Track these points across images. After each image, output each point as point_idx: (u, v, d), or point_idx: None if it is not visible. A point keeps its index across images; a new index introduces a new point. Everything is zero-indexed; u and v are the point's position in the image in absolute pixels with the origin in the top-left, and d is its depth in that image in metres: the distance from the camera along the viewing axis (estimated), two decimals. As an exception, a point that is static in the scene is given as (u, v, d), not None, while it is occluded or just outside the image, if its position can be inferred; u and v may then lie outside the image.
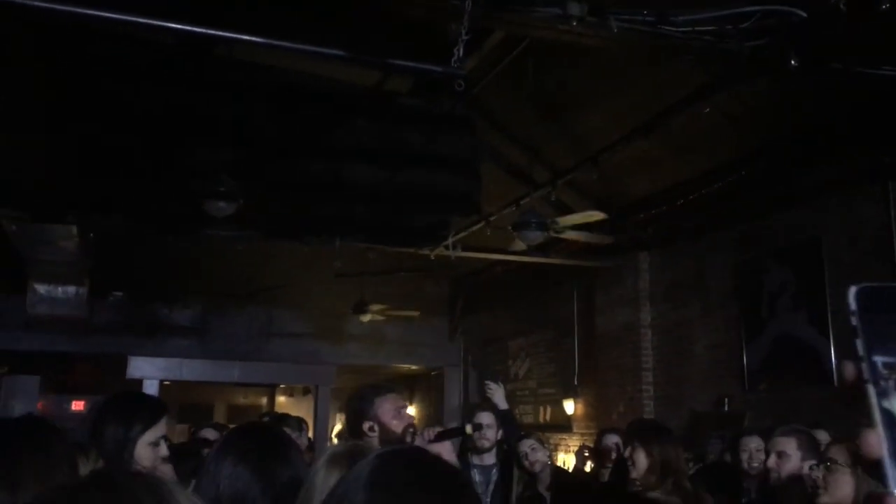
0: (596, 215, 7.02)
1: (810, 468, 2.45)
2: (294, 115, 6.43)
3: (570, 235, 7.18)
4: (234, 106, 6.33)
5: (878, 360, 0.88)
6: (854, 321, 0.89)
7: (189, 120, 6.16)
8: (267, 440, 1.82)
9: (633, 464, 3.38)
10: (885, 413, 0.82)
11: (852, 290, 0.91)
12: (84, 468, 1.83)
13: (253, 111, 6.41)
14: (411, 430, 2.84)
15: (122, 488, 0.82)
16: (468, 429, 3.34)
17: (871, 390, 0.87)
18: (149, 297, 11.82)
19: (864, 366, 0.88)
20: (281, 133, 6.44)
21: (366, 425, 2.79)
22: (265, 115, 6.45)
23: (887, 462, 0.80)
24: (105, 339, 11.57)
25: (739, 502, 4.20)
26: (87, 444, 2.05)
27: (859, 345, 0.88)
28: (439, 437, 2.81)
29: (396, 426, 2.82)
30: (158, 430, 2.31)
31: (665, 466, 3.36)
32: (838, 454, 2.39)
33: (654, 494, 3.21)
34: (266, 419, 5.79)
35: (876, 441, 0.69)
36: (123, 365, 12.03)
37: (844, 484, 2.33)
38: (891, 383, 0.87)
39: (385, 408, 2.86)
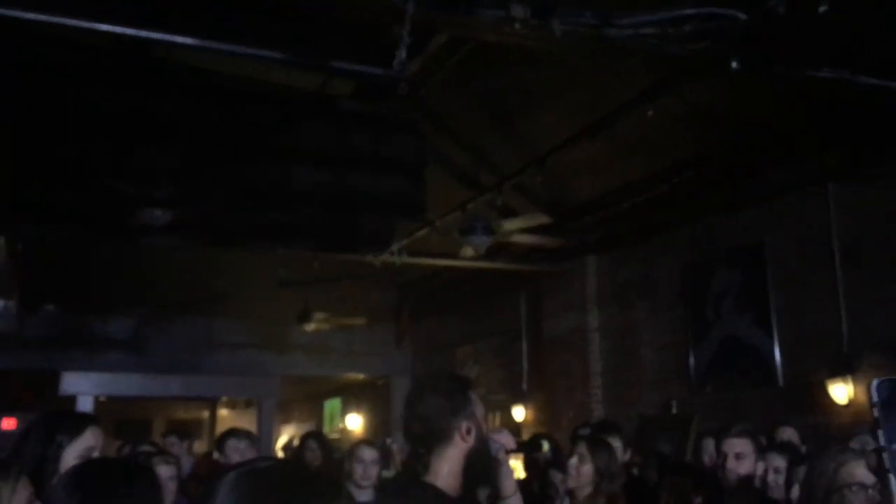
0: (540, 218, 6.98)
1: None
2: (234, 120, 6.25)
3: (520, 239, 7.13)
4: (172, 110, 6.12)
5: None
6: (875, 412, 0.86)
7: (125, 124, 5.93)
8: (98, 480, 1.63)
9: (578, 473, 3.35)
10: None
11: (874, 384, 0.90)
12: (4, 489, 1.73)
13: (192, 115, 6.20)
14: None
15: None
16: (545, 446, 2.91)
17: (892, 479, 0.83)
18: (82, 310, 11.42)
19: (885, 455, 0.85)
20: (221, 137, 6.24)
21: (464, 426, 2.12)
22: (204, 119, 6.25)
23: None
24: (36, 354, 11.14)
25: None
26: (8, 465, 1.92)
27: (880, 435, 0.85)
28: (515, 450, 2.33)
29: (486, 431, 2.22)
30: (85, 441, 2.21)
31: (611, 491, 3.35)
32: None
33: None
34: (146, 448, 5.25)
35: None
36: (56, 381, 11.58)
37: None
38: None
39: (479, 406, 2.21)
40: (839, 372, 6.37)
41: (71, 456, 2.15)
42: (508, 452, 2.28)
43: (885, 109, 5.47)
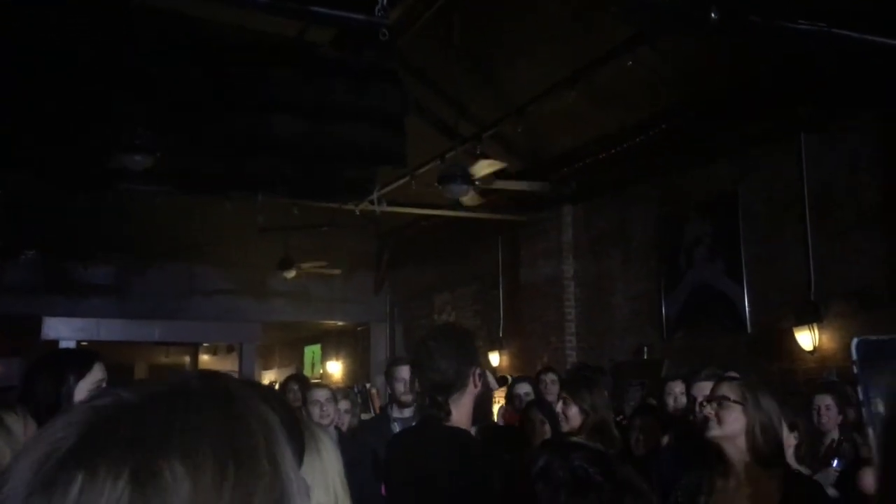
0: (497, 164, 7.05)
1: (701, 404, 2.56)
2: (215, 67, 6.23)
3: (502, 185, 7.21)
4: (152, 57, 6.09)
5: (875, 400, 0.94)
6: (855, 370, 0.96)
7: (105, 71, 5.90)
8: None
9: (567, 418, 3.48)
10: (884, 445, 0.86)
11: (854, 342, 0.99)
12: (15, 425, 1.81)
13: (172, 62, 6.18)
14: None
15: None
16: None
17: (871, 432, 0.93)
18: (63, 256, 11.40)
19: (864, 410, 0.95)
20: (201, 85, 6.23)
21: (477, 372, 2.37)
22: (185, 66, 6.22)
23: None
24: (17, 300, 11.14)
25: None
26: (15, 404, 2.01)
27: (860, 391, 0.95)
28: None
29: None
30: (95, 375, 2.26)
31: (597, 420, 3.47)
32: (729, 391, 2.51)
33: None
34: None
35: (871, 479, 0.73)
36: (38, 325, 11.63)
37: (735, 419, 2.46)
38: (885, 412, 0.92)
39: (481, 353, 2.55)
40: (806, 320, 6.57)
41: (83, 390, 2.21)
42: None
43: (857, 62, 5.56)
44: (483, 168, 7.03)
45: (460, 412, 2.31)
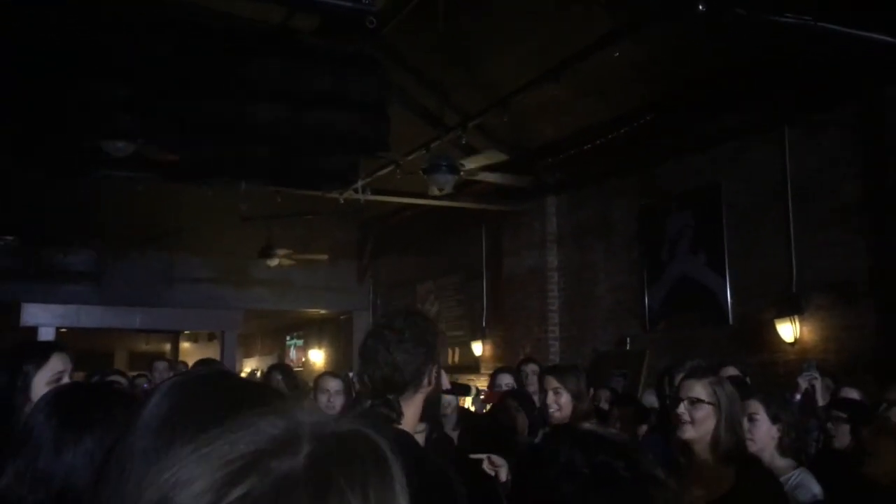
0: (497, 156, 7.04)
1: (669, 403, 2.61)
2: (198, 53, 6.17)
3: (485, 177, 7.21)
4: (136, 42, 6.01)
5: None
6: None
7: (87, 55, 5.82)
8: (75, 404, 1.57)
9: (559, 407, 3.46)
10: None
11: None
12: None
13: (155, 48, 6.11)
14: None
15: None
16: (471, 391, 3.27)
17: None
18: (42, 242, 11.28)
19: None
20: (184, 71, 6.17)
21: (434, 371, 2.10)
22: (168, 52, 6.16)
23: None
24: (-4, 286, 11.05)
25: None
26: None
27: None
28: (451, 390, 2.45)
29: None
30: (52, 367, 2.18)
31: (586, 409, 3.49)
32: (702, 391, 2.56)
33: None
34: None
35: None
36: (17, 312, 11.53)
37: (706, 419, 2.51)
38: None
39: (442, 345, 2.37)
40: (787, 312, 6.62)
41: (41, 382, 2.14)
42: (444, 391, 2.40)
43: (841, 56, 5.59)
44: (477, 161, 7.03)
45: (409, 413, 2.05)
